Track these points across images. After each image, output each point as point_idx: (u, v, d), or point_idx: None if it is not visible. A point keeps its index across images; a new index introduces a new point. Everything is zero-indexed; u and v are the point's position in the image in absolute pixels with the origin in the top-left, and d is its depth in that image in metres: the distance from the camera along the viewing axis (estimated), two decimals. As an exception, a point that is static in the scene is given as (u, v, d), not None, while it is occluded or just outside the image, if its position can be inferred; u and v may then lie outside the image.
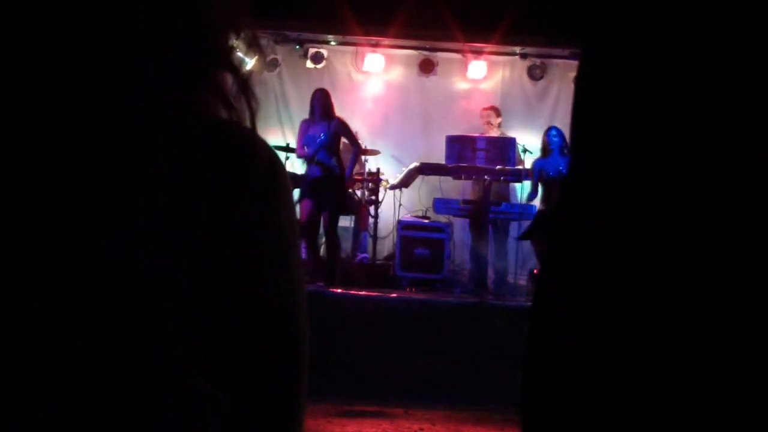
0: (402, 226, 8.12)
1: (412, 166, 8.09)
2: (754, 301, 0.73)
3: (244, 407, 0.91)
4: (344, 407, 5.74)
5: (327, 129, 7.13)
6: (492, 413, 5.84)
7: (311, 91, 8.13)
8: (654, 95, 0.79)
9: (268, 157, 0.93)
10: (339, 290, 6.87)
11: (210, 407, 0.88)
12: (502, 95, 9.39)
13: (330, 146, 7.12)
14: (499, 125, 8.26)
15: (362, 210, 8.29)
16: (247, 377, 0.91)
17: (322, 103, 7.18)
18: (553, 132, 7.56)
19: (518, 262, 7.97)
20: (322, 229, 8.04)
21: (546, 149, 7.54)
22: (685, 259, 0.75)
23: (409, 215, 8.53)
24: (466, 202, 8.01)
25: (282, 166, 0.93)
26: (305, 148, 7.16)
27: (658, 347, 0.76)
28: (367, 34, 8.24)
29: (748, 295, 0.74)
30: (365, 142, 8.54)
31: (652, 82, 0.79)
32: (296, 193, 7.85)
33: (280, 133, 9.41)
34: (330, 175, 7.15)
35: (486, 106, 8.47)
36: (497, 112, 8.33)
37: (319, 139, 7.09)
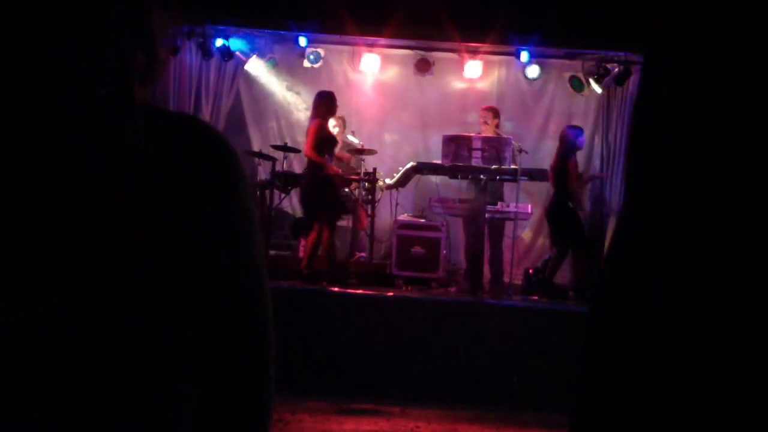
0: (399, 225, 8.14)
1: (408, 165, 8.10)
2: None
3: (214, 399, 0.92)
4: (341, 405, 5.75)
5: (307, 129, 7.36)
6: (487, 412, 5.86)
7: (308, 90, 8.15)
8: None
9: (224, 149, 0.94)
10: (336, 289, 6.89)
11: (183, 405, 0.90)
12: (498, 95, 9.39)
13: (308, 145, 7.25)
14: (497, 126, 8.27)
15: (359, 209, 8.30)
16: (216, 368, 0.92)
17: (312, 105, 7.46)
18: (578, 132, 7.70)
19: (513, 261, 7.98)
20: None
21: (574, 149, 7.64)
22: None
23: (405, 215, 8.55)
24: (462, 201, 8.03)
25: (238, 158, 0.95)
26: None
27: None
28: (363, 33, 8.24)
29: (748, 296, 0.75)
30: (362, 141, 8.54)
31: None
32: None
33: (278, 132, 9.41)
34: (307, 174, 7.45)
35: (485, 105, 8.48)
36: (495, 112, 8.34)
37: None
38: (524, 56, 8.68)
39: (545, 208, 7.81)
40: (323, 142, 7.25)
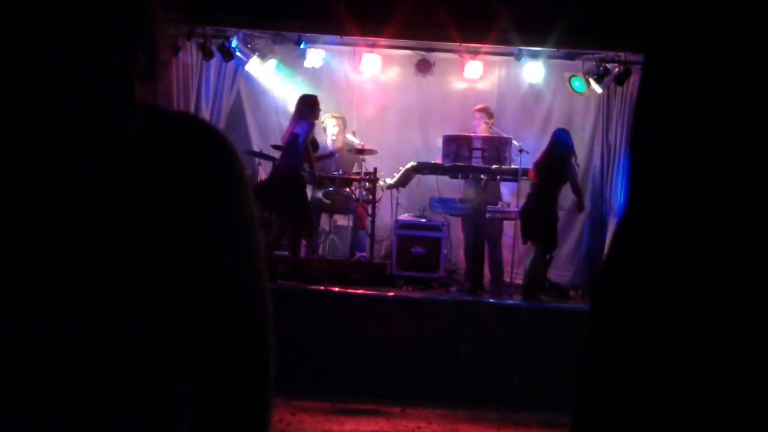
0: (399, 225, 8.14)
1: (409, 165, 8.10)
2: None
3: (214, 399, 0.92)
4: (341, 405, 5.76)
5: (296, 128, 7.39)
6: (488, 412, 5.86)
7: (308, 91, 8.15)
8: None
9: (225, 149, 0.94)
10: (337, 289, 6.89)
11: (181, 405, 0.90)
12: (498, 95, 9.40)
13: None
14: (491, 125, 8.28)
15: (360, 209, 8.31)
16: (216, 368, 0.92)
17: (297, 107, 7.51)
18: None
19: (514, 261, 7.98)
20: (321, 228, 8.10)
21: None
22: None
23: (406, 214, 8.55)
24: (463, 201, 8.03)
25: (238, 157, 0.95)
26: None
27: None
28: (364, 34, 8.24)
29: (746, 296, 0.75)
30: (362, 141, 8.54)
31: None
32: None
33: (279, 134, 9.41)
34: (284, 168, 7.45)
35: (480, 106, 8.47)
36: (490, 112, 8.35)
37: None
38: (524, 57, 8.69)
39: (529, 209, 7.40)
40: (312, 143, 7.30)
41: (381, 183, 8.27)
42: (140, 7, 0.86)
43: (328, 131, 8.69)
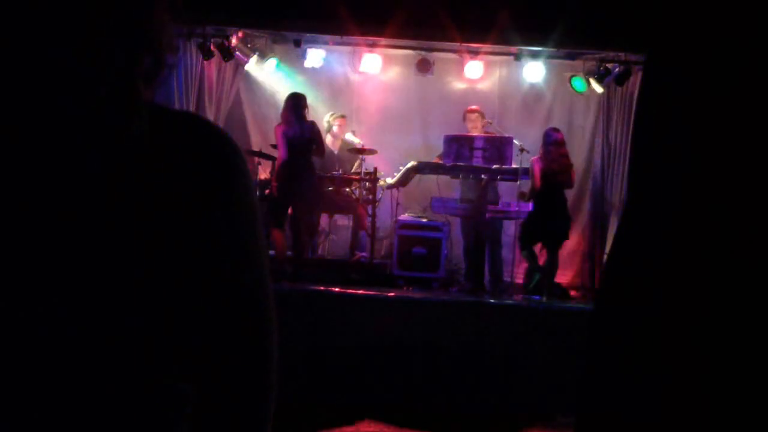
0: (400, 225, 8.14)
1: (409, 165, 8.10)
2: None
3: (214, 400, 0.92)
4: (342, 407, 5.75)
5: (312, 132, 7.45)
6: (489, 413, 5.85)
7: (308, 90, 8.15)
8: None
9: (226, 147, 0.94)
10: (337, 289, 6.88)
11: (181, 405, 0.90)
12: (499, 95, 9.40)
13: (325, 147, 7.40)
14: (485, 125, 8.28)
15: (360, 209, 8.30)
16: (217, 367, 0.92)
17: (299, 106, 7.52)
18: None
19: (514, 261, 7.98)
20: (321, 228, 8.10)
21: None
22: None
23: (406, 214, 8.55)
24: (463, 201, 8.03)
25: (240, 155, 0.94)
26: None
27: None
28: (364, 34, 8.24)
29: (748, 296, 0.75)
30: (363, 140, 8.54)
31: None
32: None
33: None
34: (312, 173, 7.51)
35: (472, 108, 8.42)
36: (482, 113, 8.34)
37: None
38: (524, 56, 8.68)
39: (561, 213, 7.46)
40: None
41: (381, 183, 8.27)
42: (145, 9, 0.86)
43: (333, 130, 8.69)
